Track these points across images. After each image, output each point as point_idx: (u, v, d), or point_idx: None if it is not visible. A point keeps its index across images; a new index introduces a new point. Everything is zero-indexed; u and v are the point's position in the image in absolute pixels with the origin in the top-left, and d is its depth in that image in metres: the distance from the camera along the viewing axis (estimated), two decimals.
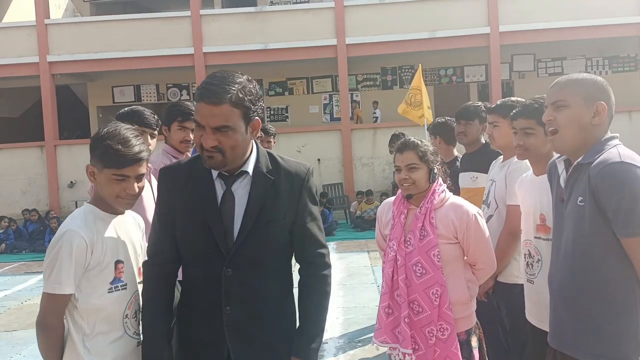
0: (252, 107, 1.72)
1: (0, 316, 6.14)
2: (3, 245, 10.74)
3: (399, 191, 2.51)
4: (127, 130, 1.98)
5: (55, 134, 13.78)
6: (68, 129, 15.36)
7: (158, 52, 13.42)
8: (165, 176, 1.87)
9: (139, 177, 1.96)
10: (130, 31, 13.61)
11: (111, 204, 1.99)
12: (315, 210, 1.89)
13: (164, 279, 1.88)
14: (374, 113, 15.41)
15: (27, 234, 11.19)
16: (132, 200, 1.99)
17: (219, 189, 1.78)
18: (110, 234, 1.98)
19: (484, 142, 3.65)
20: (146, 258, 1.95)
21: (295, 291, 1.92)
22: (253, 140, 1.82)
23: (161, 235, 1.86)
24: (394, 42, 13.34)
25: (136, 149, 1.93)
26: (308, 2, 15.52)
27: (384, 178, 13.65)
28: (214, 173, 1.78)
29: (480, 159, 3.45)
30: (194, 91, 15.10)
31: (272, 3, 15.46)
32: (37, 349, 1.87)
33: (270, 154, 1.86)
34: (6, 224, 11.16)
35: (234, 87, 1.68)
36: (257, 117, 1.75)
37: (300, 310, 1.89)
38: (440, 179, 2.48)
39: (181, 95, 15.84)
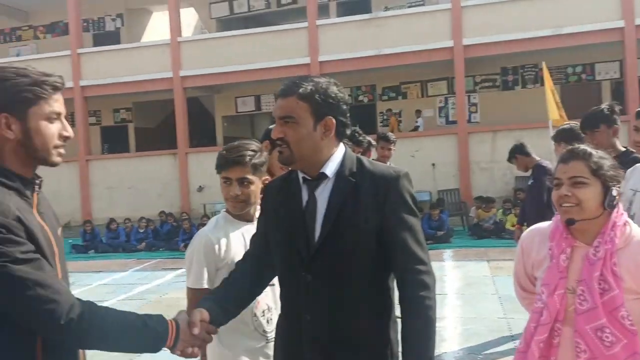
0: (324, 104, 1.69)
1: (144, 307, 6.81)
2: (143, 243, 11.82)
3: (556, 217, 1.89)
4: (241, 141, 2.20)
5: (186, 142, 14.92)
6: (197, 137, 16.53)
7: (277, 63, 14.00)
8: (266, 189, 1.96)
9: (242, 181, 2.11)
10: (252, 45, 14.35)
11: (228, 208, 2.18)
12: (410, 219, 1.70)
13: (245, 270, 1.89)
14: (416, 122, 14.87)
15: (163, 233, 12.20)
16: (239, 204, 2.15)
17: (305, 195, 1.76)
18: (238, 238, 2.17)
19: (624, 149, 3.30)
20: None
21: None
22: (343, 145, 1.78)
23: (256, 238, 1.93)
24: (515, 40, 12.78)
25: (237, 153, 2.11)
26: (423, 4, 15.36)
27: (504, 183, 13.11)
28: (301, 179, 1.77)
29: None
30: None
31: (386, 8, 15.48)
32: None
33: (358, 159, 1.79)
34: (145, 224, 12.27)
35: (306, 83, 1.70)
36: (330, 117, 1.70)
37: (401, 339, 1.71)
38: (620, 206, 1.84)
39: None
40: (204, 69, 14.55)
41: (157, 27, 18.59)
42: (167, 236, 12.09)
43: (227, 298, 1.82)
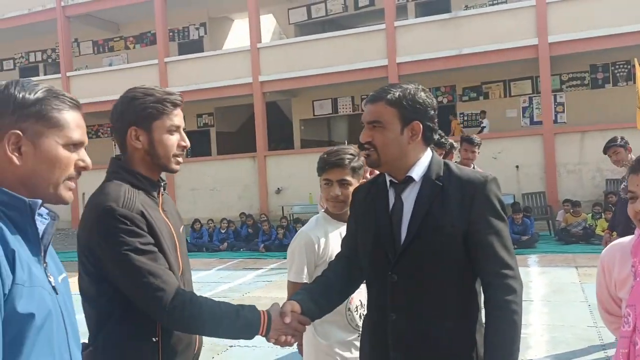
0: (412, 109, 1.74)
1: None
2: (225, 244, 12.23)
3: (637, 230, 1.79)
4: (340, 146, 2.35)
5: (265, 145, 15.30)
6: (275, 141, 16.91)
7: (353, 66, 14.05)
8: (354, 193, 2.03)
9: (341, 182, 2.25)
10: (328, 48, 14.50)
11: (329, 208, 2.31)
12: (497, 224, 1.71)
13: (337, 270, 1.96)
14: (481, 123, 14.23)
15: (243, 234, 12.55)
16: (339, 204, 2.28)
17: (391, 198, 1.81)
18: (336, 237, 2.30)
19: None
20: None
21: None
22: (430, 150, 1.83)
23: (346, 240, 2.01)
24: (605, 36, 12.09)
25: (337, 156, 2.25)
26: (506, 2, 14.88)
27: (594, 187, 12.42)
28: (388, 183, 1.83)
29: None
30: None
31: (466, 7, 15.14)
32: (259, 337, 2.12)
33: (445, 163, 1.82)
34: (226, 225, 12.68)
35: (394, 89, 1.76)
36: (418, 122, 1.74)
37: (485, 343, 1.71)
38: None
39: None
40: (283, 73, 14.86)
41: (237, 34, 19.21)
42: (247, 237, 12.42)
43: (319, 294, 1.90)
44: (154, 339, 1.70)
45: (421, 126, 1.75)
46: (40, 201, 1.21)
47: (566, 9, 12.54)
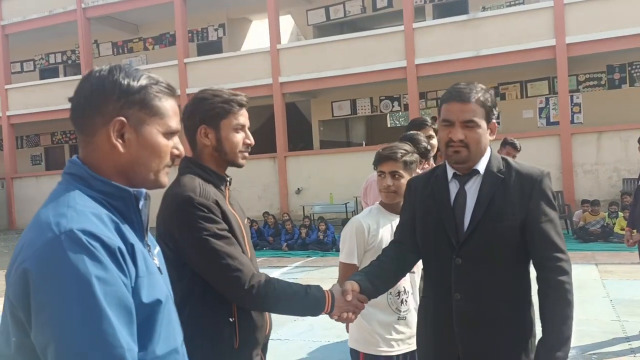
0: (491, 110, 1.93)
1: None
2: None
3: None
4: (397, 142, 2.59)
5: (285, 146, 15.51)
6: (294, 141, 17.11)
7: (372, 67, 14.20)
8: (409, 184, 2.20)
9: (393, 174, 2.47)
10: (347, 50, 14.66)
11: (382, 199, 2.54)
12: (552, 213, 1.91)
13: (391, 254, 2.14)
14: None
15: (266, 233, 12.71)
16: (390, 194, 2.51)
17: (453, 188, 1.97)
18: (387, 228, 2.52)
19: None
20: None
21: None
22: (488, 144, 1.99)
23: (400, 227, 2.19)
24: (623, 37, 12.17)
25: (390, 150, 2.49)
26: (523, 3, 14.99)
27: (610, 186, 12.53)
28: (449, 175, 1.99)
29: None
30: (405, 102, 15.71)
31: (484, 8, 15.27)
32: (290, 331, 2.32)
33: (503, 158, 2.00)
34: (249, 224, 12.86)
35: (478, 89, 1.92)
36: (494, 121, 1.95)
37: (540, 320, 1.90)
38: None
39: (393, 106, 16.55)
40: (302, 74, 15.05)
41: (256, 35, 19.44)
42: (270, 236, 12.59)
43: (375, 275, 2.08)
44: (230, 320, 1.82)
45: (496, 125, 1.97)
46: (144, 191, 1.24)
47: (584, 9, 12.65)
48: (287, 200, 15.26)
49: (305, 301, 1.85)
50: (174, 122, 1.25)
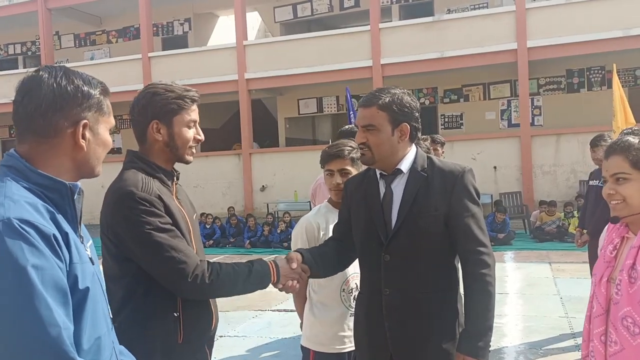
0: (400, 113, 1.97)
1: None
2: (211, 240, 12.16)
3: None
4: (341, 140, 2.64)
5: (250, 143, 15.43)
6: (259, 138, 17.03)
7: (338, 66, 14.24)
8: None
9: (342, 171, 2.48)
10: (314, 48, 14.68)
11: (331, 197, 2.56)
12: (473, 208, 1.97)
13: (335, 245, 2.22)
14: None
15: (230, 230, 12.60)
16: (340, 192, 2.47)
17: (382, 188, 2.05)
18: None
19: None
20: None
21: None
22: (414, 145, 2.07)
23: (338, 226, 2.27)
24: (582, 42, 12.52)
25: (337, 148, 2.50)
26: (487, 7, 15.27)
27: (567, 187, 12.89)
28: (378, 175, 2.06)
29: None
30: None
31: (449, 11, 15.49)
32: (248, 328, 2.36)
33: (429, 157, 2.06)
34: (211, 220, 12.73)
35: (384, 95, 2.00)
36: (405, 124, 1.99)
37: (464, 311, 1.97)
38: None
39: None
40: (268, 71, 15.00)
41: (223, 31, 19.27)
42: (233, 234, 12.51)
43: (317, 254, 2.15)
44: (175, 314, 1.81)
45: (408, 127, 2.01)
46: (79, 184, 1.32)
47: (545, 14, 12.96)
48: (251, 198, 15.20)
49: (250, 279, 1.88)
50: (112, 119, 1.42)
